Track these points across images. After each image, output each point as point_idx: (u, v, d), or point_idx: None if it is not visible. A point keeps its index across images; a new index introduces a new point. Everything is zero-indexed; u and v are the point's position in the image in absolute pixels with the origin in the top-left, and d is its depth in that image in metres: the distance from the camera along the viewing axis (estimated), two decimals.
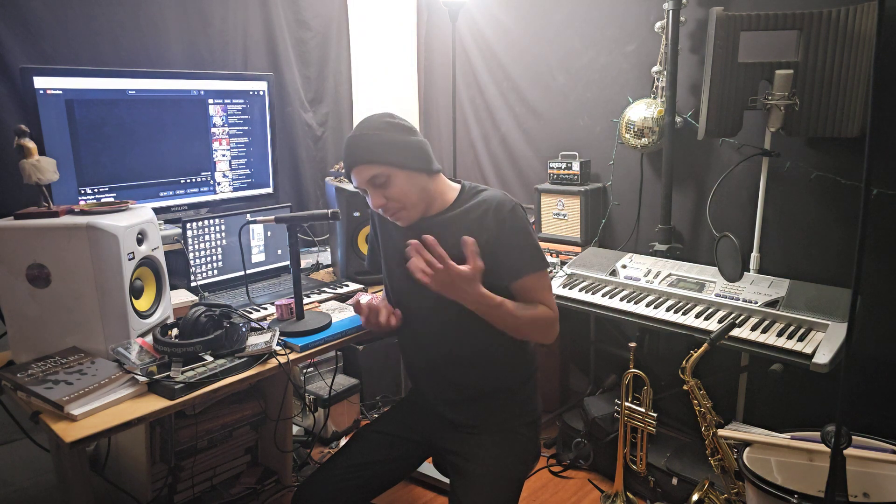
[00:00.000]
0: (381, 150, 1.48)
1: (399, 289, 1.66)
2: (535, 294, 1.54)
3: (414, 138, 1.52)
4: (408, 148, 1.50)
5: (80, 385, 1.37)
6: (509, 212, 1.52)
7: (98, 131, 2.07)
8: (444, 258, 1.38)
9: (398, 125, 1.51)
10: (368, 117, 1.54)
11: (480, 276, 1.42)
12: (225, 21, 2.59)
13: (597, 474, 2.46)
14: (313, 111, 3.01)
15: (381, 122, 1.51)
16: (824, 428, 1.29)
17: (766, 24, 2.02)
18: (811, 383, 2.19)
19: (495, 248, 1.50)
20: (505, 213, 1.52)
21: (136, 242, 1.61)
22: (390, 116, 1.53)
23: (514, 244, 1.52)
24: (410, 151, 1.50)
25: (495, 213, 1.52)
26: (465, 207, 1.56)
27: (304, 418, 2.67)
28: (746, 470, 1.67)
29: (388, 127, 1.50)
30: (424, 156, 1.52)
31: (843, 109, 1.97)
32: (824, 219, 2.19)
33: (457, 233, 1.51)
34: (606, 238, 2.81)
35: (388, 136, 1.49)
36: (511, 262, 1.52)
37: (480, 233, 1.49)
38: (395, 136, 1.49)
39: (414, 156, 1.50)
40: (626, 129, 2.50)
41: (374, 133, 1.49)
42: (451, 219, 1.56)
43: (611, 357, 2.77)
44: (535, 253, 1.55)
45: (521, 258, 1.53)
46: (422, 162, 1.52)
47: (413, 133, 1.53)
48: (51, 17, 2.13)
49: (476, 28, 3.15)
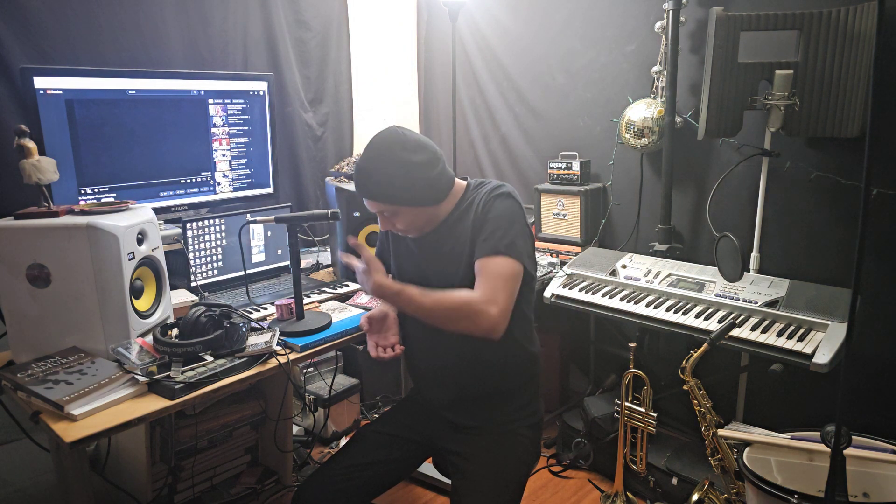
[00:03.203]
0: (386, 191, 1.48)
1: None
2: (480, 278, 1.43)
3: (419, 174, 1.46)
4: (414, 186, 1.47)
5: (80, 385, 1.37)
6: (493, 196, 1.52)
7: (98, 131, 2.07)
8: (346, 255, 1.51)
9: (403, 159, 1.45)
10: (377, 143, 1.49)
11: (375, 267, 1.44)
12: (225, 21, 2.59)
13: (597, 474, 2.46)
14: (313, 111, 3.01)
15: (389, 154, 1.46)
16: (824, 428, 1.29)
17: (766, 24, 2.01)
18: (811, 383, 2.19)
19: (474, 231, 1.50)
20: (489, 197, 1.52)
21: (137, 242, 1.61)
22: (400, 143, 1.46)
23: (485, 226, 1.48)
24: (416, 189, 1.48)
25: (485, 197, 1.52)
26: (466, 205, 1.56)
27: (304, 418, 2.67)
28: (746, 470, 1.67)
29: (393, 162, 1.45)
30: (431, 191, 1.50)
31: (842, 109, 1.97)
32: (824, 219, 2.19)
33: (460, 230, 1.52)
34: (606, 238, 2.81)
35: (393, 174, 1.45)
36: (477, 242, 1.48)
37: (473, 217, 1.51)
38: (401, 173, 1.45)
39: (419, 193, 1.49)
40: (626, 129, 2.50)
41: (380, 170, 1.46)
42: (455, 217, 1.57)
43: (611, 357, 2.77)
44: (500, 237, 1.44)
45: (485, 240, 1.46)
46: (427, 197, 1.50)
47: (419, 167, 1.46)
48: (51, 17, 2.13)
49: (476, 28, 3.15)
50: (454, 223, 1.56)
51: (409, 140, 1.48)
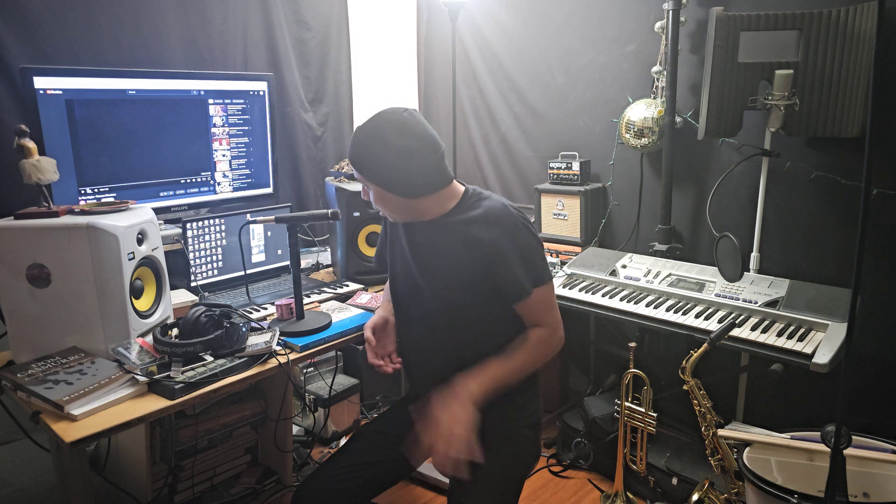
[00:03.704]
0: (363, 162, 1.47)
1: (400, 291, 1.66)
2: (536, 316, 1.53)
3: (395, 159, 1.43)
4: (390, 172, 1.45)
5: (80, 385, 1.37)
6: (506, 228, 1.47)
7: (98, 131, 2.07)
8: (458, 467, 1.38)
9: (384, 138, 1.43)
10: (377, 115, 1.47)
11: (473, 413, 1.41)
12: (225, 21, 2.59)
13: (597, 474, 2.46)
14: (313, 111, 3.01)
15: (376, 129, 1.44)
16: (824, 428, 1.29)
17: (766, 24, 2.01)
18: (811, 383, 2.19)
19: (495, 267, 1.47)
20: (501, 231, 1.47)
21: (137, 242, 1.61)
22: (392, 123, 1.44)
23: (513, 263, 1.46)
24: (392, 176, 1.45)
25: (493, 227, 1.47)
26: (465, 217, 1.51)
27: (304, 418, 2.67)
28: (746, 470, 1.67)
29: (375, 137, 1.43)
30: (407, 185, 1.47)
31: (842, 109, 1.97)
32: (824, 219, 2.19)
33: (452, 240, 1.50)
34: (606, 238, 2.81)
35: (369, 146, 1.44)
36: (512, 283, 1.48)
37: (477, 250, 1.47)
38: (376, 149, 1.44)
39: (395, 180, 1.46)
40: (626, 129, 2.50)
41: (361, 138, 1.46)
42: (449, 224, 1.53)
43: (611, 357, 2.77)
44: (536, 269, 1.49)
45: (522, 278, 1.47)
46: (395, 184, 1.47)
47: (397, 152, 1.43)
48: (51, 17, 2.13)
49: (476, 28, 3.15)
50: (444, 228, 1.53)
51: (404, 124, 1.44)
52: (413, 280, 1.59)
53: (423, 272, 1.57)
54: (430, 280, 1.55)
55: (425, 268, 1.57)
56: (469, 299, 1.51)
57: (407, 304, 1.64)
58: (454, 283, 1.51)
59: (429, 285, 1.55)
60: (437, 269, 1.54)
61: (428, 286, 1.55)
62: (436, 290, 1.54)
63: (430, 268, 1.56)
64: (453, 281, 1.51)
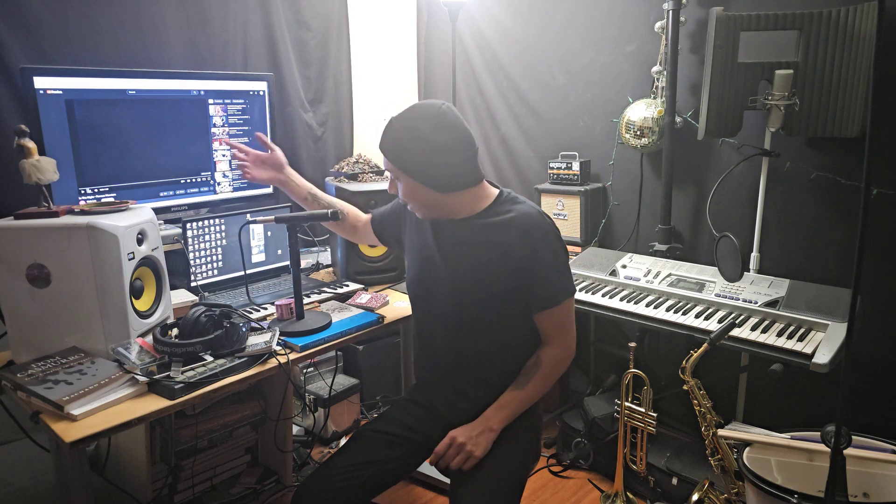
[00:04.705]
0: (397, 152, 1.47)
1: (414, 289, 1.70)
2: (557, 327, 1.56)
3: (429, 152, 1.44)
4: (425, 164, 1.46)
5: (80, 385, 1.37)
6: (542, 237, 1.50)
7: (98, 131, 2.07)
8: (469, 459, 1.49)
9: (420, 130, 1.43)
10: (414, 106, 1.47)
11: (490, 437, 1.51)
12: (225, 21, 2.59)
13: (597, 474, 2.46)
14: (313, 111, 3.01)
15: (412, 120, 1.45)
16: (824, 428, 1.29)
17: (766, 24, 2.01)
18: (811, 383, 2.19)
19: (526, 277, 1.50)
20: (537, 240, 1.49)
21: (136, 242, 1.61)
22: (429, 116, 1.44)
23: (548, 271, 1.50)
24: (426, 168, 1.46)
25: (527, 237, 1.49)
26: (496, 221, 1.53)
27: (304, 418, 2.67)
28: (746, 470, 1.67)
29: (411, 128, 1.44)
30: (440, 178, 1.48)
31: (842, 109, 1.97)
32: (824, 219, 2.19)
33: (483, 242, 1.52)
34: (606, 238, 2.81)
35: (405, 138, 1.45)
36: (543, 291, 1.51)
37: (509, 256, 1.49)
38: (411, 139, 1.44)
39: (427, 173, 1.47)
40: (626, 129, 2.50)
41: (397, 129, 1.47)
42: (480, 226, 1.55)
43: (611, 357, 2.77)
44: (568, 279, 1.55)
45: (555, 287, 1.52)
46: (428, 177, 1.48)
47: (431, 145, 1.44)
48: (51, 17, 2.13)
49: (476, 28, 3.15)
50: (475, 229, 1.55)
51: (441, 118, 1.45)
52: (435, 273, 1.60)
53: (450, 269, 1.58)
54: (455, 276, 1.57)
55: (452, 265, 1.58)
56: (489, 300, 1.53)
57: (420, 302, 1.68)
58: (478, 284, 1.53)
59: (452, 281, 1.56)
60: (462, 267, 1.56)
61: (451, 282, 1.57)
62: (457, 286, 1.56)
63: (457, 265, 1.57)
64: (478, 281, 1.53)
